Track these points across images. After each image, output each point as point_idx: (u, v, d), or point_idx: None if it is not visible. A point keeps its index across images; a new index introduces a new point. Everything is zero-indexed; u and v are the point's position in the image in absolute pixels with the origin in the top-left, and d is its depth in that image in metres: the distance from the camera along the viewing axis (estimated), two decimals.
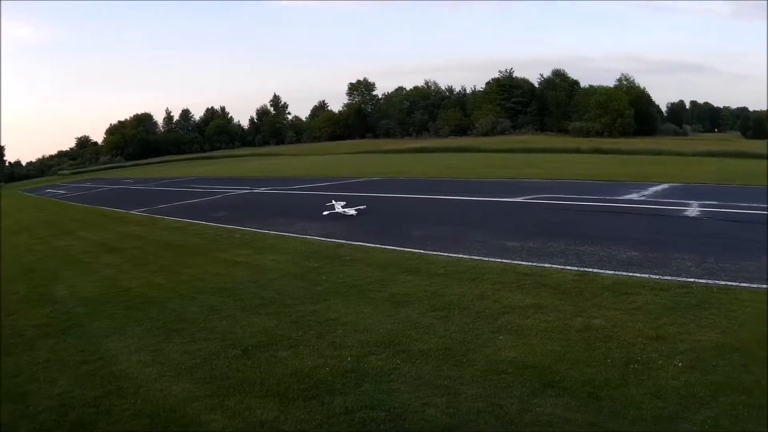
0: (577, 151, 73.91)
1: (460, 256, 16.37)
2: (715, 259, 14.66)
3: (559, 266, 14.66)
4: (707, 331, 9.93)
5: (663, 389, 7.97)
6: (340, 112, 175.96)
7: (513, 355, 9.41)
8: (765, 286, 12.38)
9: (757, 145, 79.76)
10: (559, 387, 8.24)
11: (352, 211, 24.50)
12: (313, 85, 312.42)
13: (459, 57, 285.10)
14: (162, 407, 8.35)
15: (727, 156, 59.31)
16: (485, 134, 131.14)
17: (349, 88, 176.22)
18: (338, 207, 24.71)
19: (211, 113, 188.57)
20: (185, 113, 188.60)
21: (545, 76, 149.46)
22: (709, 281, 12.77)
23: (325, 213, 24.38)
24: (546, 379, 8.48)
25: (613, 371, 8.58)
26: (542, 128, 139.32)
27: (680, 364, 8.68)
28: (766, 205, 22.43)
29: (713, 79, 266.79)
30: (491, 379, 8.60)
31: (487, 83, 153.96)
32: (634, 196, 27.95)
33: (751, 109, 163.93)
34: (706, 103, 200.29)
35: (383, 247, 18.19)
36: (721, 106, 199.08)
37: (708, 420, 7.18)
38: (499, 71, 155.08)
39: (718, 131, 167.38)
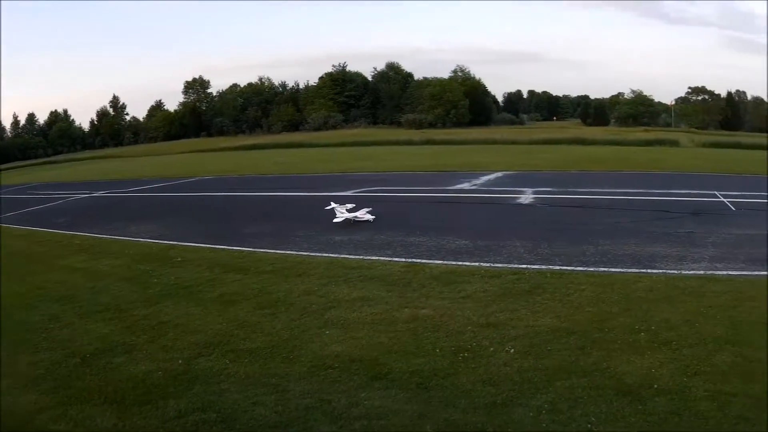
0: (410, 143, 75.85)
1: (288, 252, 16.73)
2: (549, 244, 15.72)
3: (387, 258, 15.20)
4: (541, 316, 10.62)
5: (495, 376, 8.42)
6: (175, 111, 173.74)
7: (340, 349, 9.73)
8: (604, 269, 13.44)
9: (596, 132, 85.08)
10: (387, 379, 8.59)
11: (368, 216, 21.14)
12: (152, 85, 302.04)
13: (294, 52, 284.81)
14: (13, 420, 8.32)
15: (564, 143, 62.49)
16: (317, 129, 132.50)
17: (185, 86, 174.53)
18: (342, 211, 21.41)
19: (54, 117, 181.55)
20: (30, 117, 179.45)
21: (379, 69, 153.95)
22: (543, 267, 13.67)
23: (337, 221, 20.75)
24: (374, 372, 8.81)
25: (442, 361, 9.00)
26: (375, 121, 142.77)
27: (512, 350, 9.21)
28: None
29: (553, 67, 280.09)
30: (318, 374, 8.91)
31: (320, 78, 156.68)
32: (465, 185, 29.25)
33: (592, 96, 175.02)
34: (544, 92, 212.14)
35: (213, 246, 18.27)
36: (561, 95, 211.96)
37: (545, 405, 7.67)
38: (333, 65, 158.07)
39: (557, 119, 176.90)
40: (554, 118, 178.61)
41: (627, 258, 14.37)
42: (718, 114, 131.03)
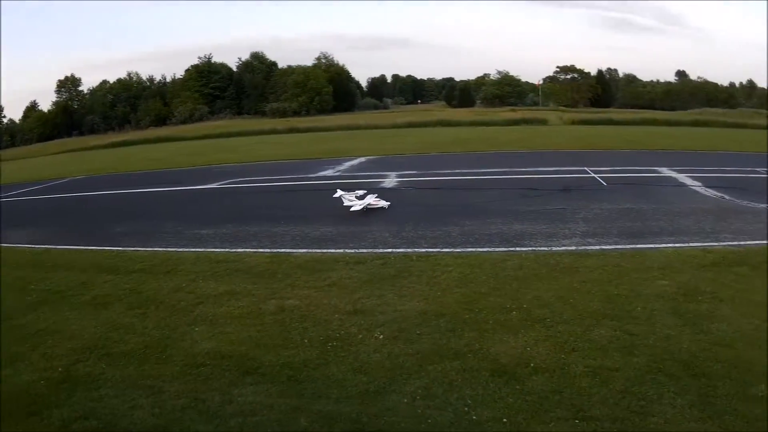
0: (274, 132, 75.60)
1: (156, 249, 16.31)
2: (414, 227, 15.90)
3: (252, 250, 15.02)
4: (408, 300, 10.64)
5: (366, 364, 8.38)
6: (49, 111, 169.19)
7: (210, 346, 9.54)
8: (471, 249, 13.68)
9: (461, 113, 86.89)
10: (258, 374, 8.45)
11: (381, 203, 20.34)
12: (31, 85, 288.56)
13: (164, 46, 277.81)
14: None
15: (429, 126, 63.08)
16: (184, 122, 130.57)
17: (57, 85, 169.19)
18: (351, 198, 20.67)
19: None
20: None
21: (243, 59, 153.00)
22: (408, 250, 13.79)
23: (355, 209, 19.79)
24: (244, 367, 8.67)
25: (311, 351, 8.90)
26: (240, 112, 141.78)
27: (382, 336, 9.19)
28: None
29: (419, 52, 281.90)
30: (191, 373, 8.71)
31: (186, 70, 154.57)
32: (329, 172, 29.35)
33: (457, 78, 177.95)
34: (409, 76, 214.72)
35: (85, 248, 17.55)
36: (426, 78, 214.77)
37: (419, 390, 7.66)
38: (198, 57, 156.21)
39: (422, 103, 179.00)
40: (418, 101, 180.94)
41: (494, 237, 14.63)
42: (588, 92, 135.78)
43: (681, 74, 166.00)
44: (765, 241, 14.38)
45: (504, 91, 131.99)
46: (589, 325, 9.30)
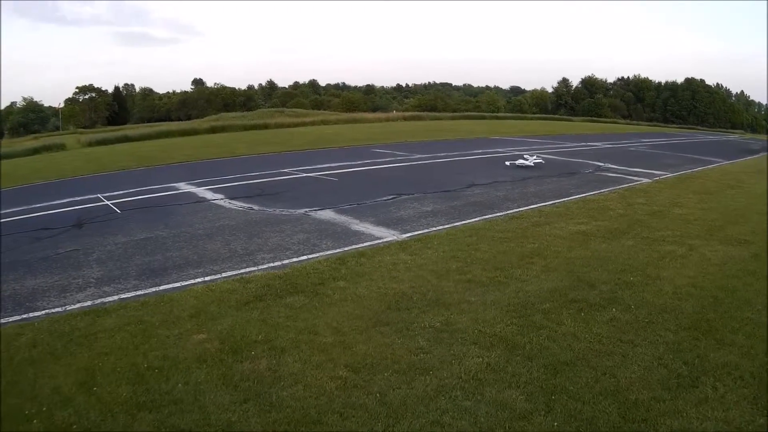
0: None
1: None
2: None
3: None
4: None
5: None
6: None
7: None
8: None
9: None
10: None
11: (537, 160, 26.97)
12: None
13: None
14: None
15: None
16: None
17: None
18: (525, 159, 26.89)
19: None
20: None
21: None
22: None
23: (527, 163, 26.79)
24: None
25: None
26: None
27: None
28: None
29: None
30: None
31: None
32: None
33: None
34: None
35: None
36: None
37: None
38: None
39: None
40: None
41: (7, 301, 10.27)
42: (105, 110, 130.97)
43: (198, 82, 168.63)
44: (313, 255, 12.47)
45: (29, 118, 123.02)
46: (126, 424, 6.20)
